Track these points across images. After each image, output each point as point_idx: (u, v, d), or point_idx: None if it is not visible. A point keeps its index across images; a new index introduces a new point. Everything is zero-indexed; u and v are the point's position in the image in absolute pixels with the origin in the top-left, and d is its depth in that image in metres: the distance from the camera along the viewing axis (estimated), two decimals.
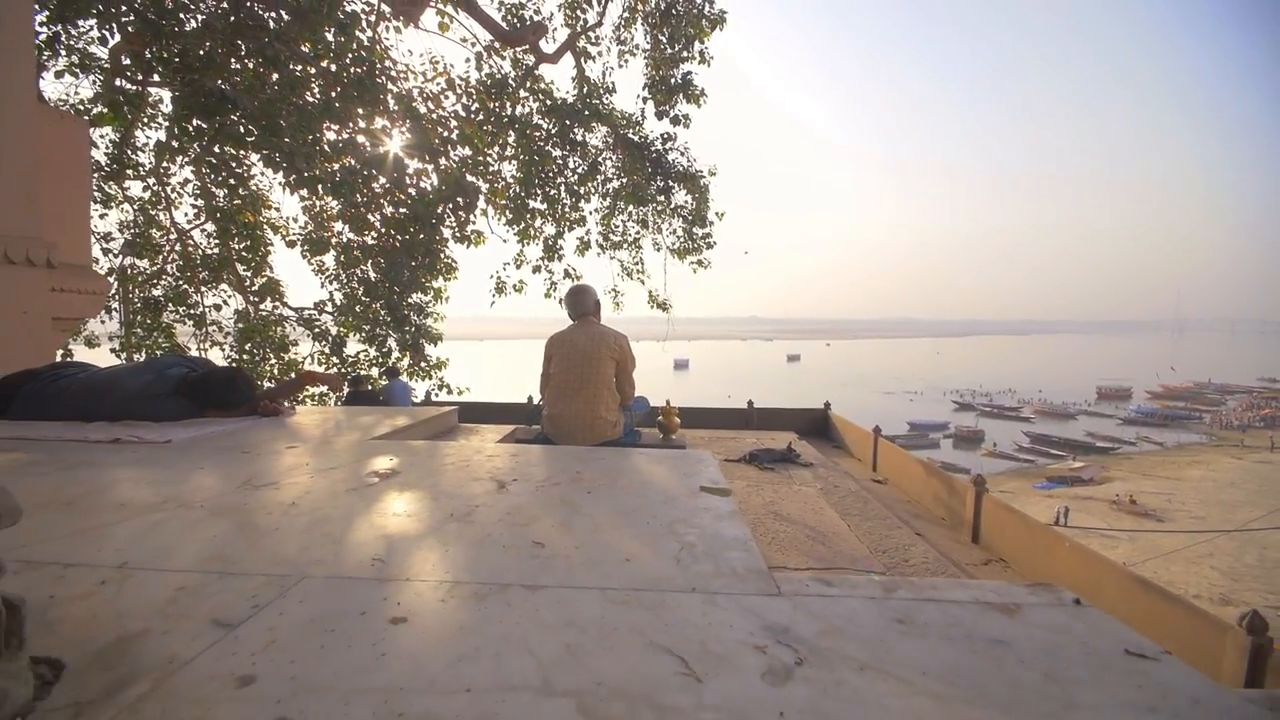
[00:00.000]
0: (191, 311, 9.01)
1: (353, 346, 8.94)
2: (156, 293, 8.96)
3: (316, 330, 8.92)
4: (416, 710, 0.71)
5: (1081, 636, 0.93)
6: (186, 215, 9.01)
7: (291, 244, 9.00)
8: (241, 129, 6.38)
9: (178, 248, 9.07)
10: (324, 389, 7.35)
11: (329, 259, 8.65)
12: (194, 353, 8.50)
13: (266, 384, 8.13)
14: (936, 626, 0.94)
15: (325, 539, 1.27)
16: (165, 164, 8.35)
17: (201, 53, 6.41)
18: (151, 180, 8.52)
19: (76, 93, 7.57)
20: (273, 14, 6.73)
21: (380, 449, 2.22)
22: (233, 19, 6.45)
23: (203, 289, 9.10)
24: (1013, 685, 0.80)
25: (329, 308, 8.75)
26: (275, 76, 6.56)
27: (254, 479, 1.71)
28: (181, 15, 6.61)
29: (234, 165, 7.93)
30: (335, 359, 8.76)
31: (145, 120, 7.92)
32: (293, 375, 8.56)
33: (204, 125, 6.48)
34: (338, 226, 8.54)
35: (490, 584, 1.07)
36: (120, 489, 1.62)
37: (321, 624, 0.91)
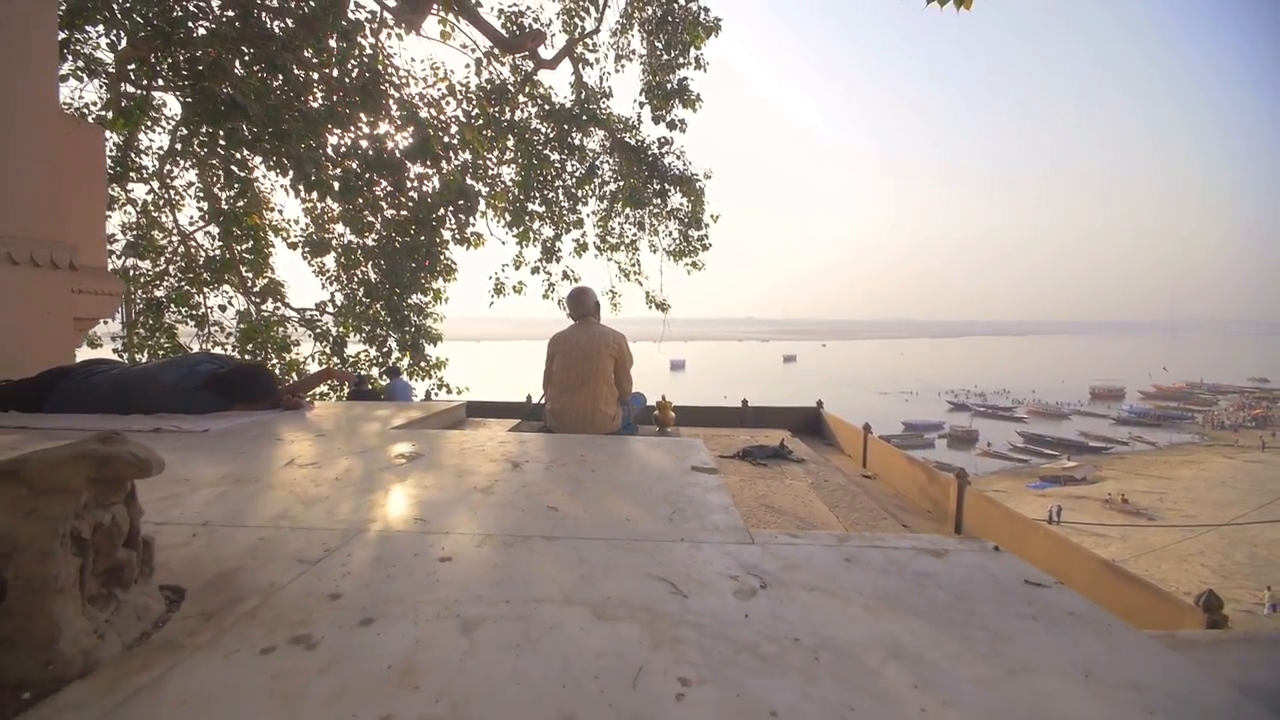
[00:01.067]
0: (194, 312, 9.17)
1: (353, 347, 9.12)
2: (159, 294, 9.13)
3: (318, 330, 9.10)
4: (469, 613, 0.94)
5: (992, 571, 1.16)
6: (190, 217, 9.19)
7: (294, 246, 9.18)
8: (251, 135, 6.57)
9: (180, 249, 9.24)
10: (332, 384, 7.53)
11: (329, 260, 8.84)
12: (187, 353, 8.67)
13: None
14: (876, 564, 1.18)
15: (371, 504, 1.49)
16: (169, 167, 8.53)
17: (210, 60, 6.60)
18: (155, 183, 8.69)
19: (80, 96, 7.74)
20: (279, 23, 6.94)
21: (400, 436, 2.45)
22: (239, 26, 6.64)
23: (205, 290, 9.27)
24: (928, 601, 1.03)
25: (330, 308, 8.94)
26: (280, 82, 6.75)
27: (296, 460, 1.94)
28: (190, 24, 6.79)
29: (238, 170, 8.12)
30: (336, 359, 8.94)
31: (149, 124, 8.10)
32: (300, 374, 8.74)
33: (214, 131, 6.67)
34: (338, 229, 8.73)
35: (515, 536, 1.30)
36: (178, 468, 1.83)
37: (384, 562, 1.13)
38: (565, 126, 9.42)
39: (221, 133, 6.63)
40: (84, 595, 0.86)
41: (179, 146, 8.10)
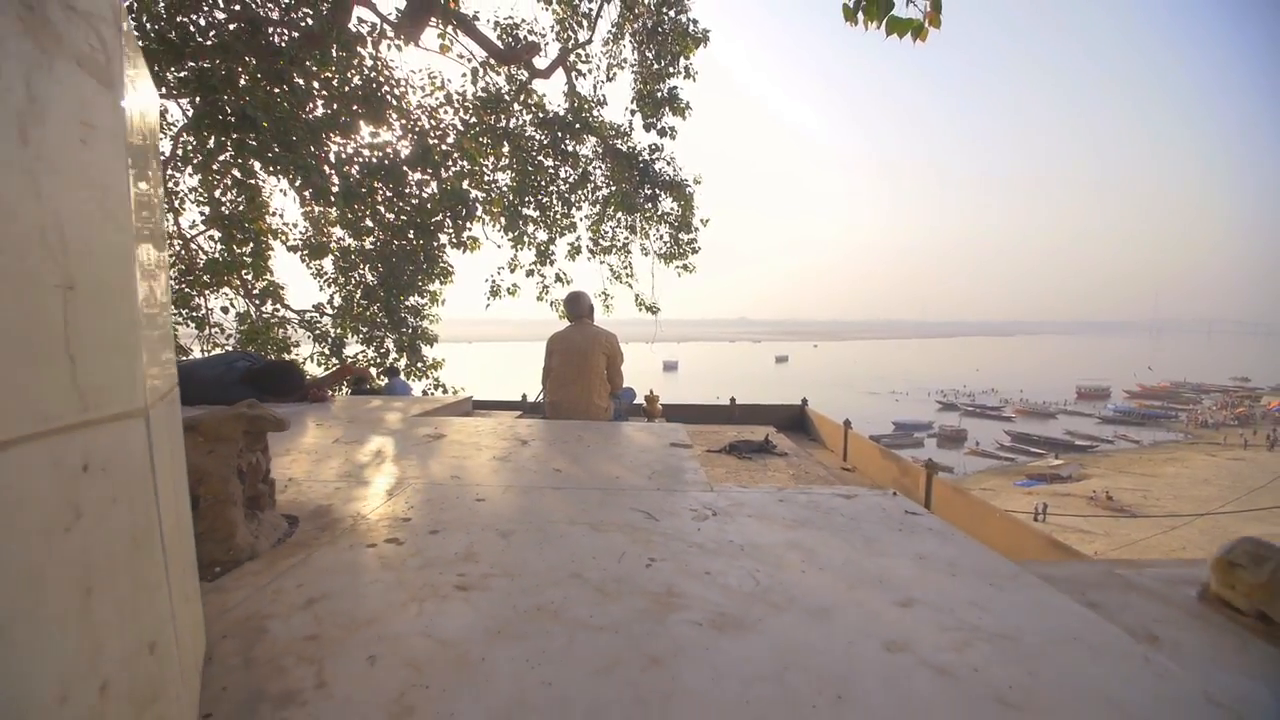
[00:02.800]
0: (194, 314, 9.46)
1: (352, 348, 9.45)
2: None
3: (317, 331, 9.42)
4: (505, 529, 1.34)
5: (885, 507, 1.58)
6: (192, 221, 9.49)
7: (293, 249, 9.50)
8: (258, 144, 6.90)
9: (181, 253, 9.53)
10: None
11: (328, 263, 9.15)
12: (196, 353, 8.99)
13: None
14: (801, 503, 1.59)
15: (414, 466, 1.90)
16: (171, 172, 8.83)
17: (222, 73, 6.93)
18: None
19: None
20: (284, 37, 7.28)
21: (421, 422, 2.84)
22: (246, 40, 6.97)
23: (206, 292, 9.57)
24: (830, 523, 1.44)
25: (329, 310, 9.25)
26: (284, 92, 7.07)
27: (342, 438, 2.33)
28: (201, 38, 7.11)
29: (243, 177, 8.44)
30: (335, 360, 9.27)
31: None
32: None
33: (224, 141, 7.00)
34: (337, 232, 9.05)
35: (530, 487, 1.70)
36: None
37: (434, 501, 1.54)
38: (559, 134, 9.79)
39: (229, 143, 6.96)
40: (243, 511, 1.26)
41: (181, 152, 8.42)
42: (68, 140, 0.50)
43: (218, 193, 9.10)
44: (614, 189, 10.45)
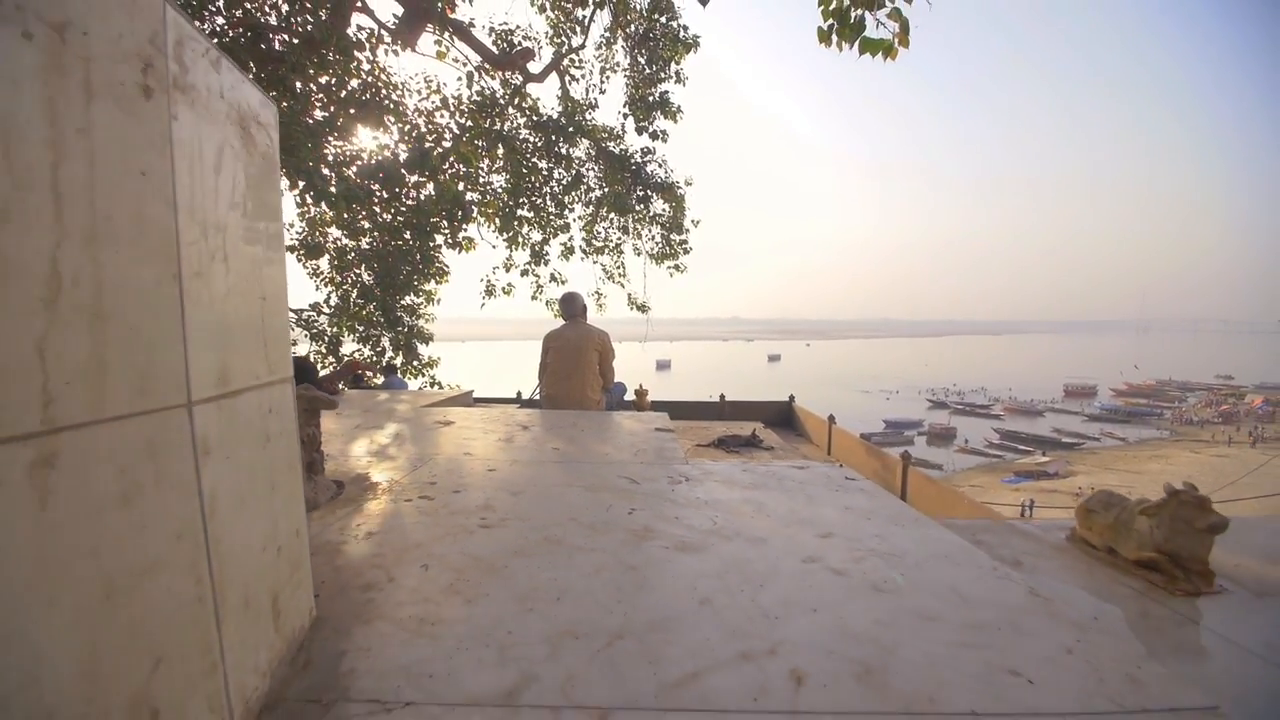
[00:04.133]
0: None
1: (348, 346, 9.68)
2: None
3: (314, 330, 9.62)
4: (516, 489, 1.66)
5: (829, 475, 1.90)
6: None
7: (290, 249, 9.71)
8: None
9: None
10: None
11: (324, 263, 9.35)
12: None
13: None
14: (761, 474, 1.91)
15: (431, 446, 2.20)
16: None
17: None
18: None
19: None
20: (282, 39, 7.50)
21: (430, 412, 3.14)
22: (245, 44, 7.19)
23: None
24: (781, 486, 1.76)
25: (325, 309, 9.45)
26: (285, 97, 7.30)
27: (360, 426, 2.63)
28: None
29: None
30: (332, 358, 9.48)
31: None
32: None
33: None
34: (333, 233, 9.26)
35: (533, 461, 2.01)
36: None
37: (454, 472, 1.84)
38: (553, 136, 10.06)
39: None
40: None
41: None
42: (219, 145, 0.81)
43: None
44: (607, 191, 10.72)
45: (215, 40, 7.15)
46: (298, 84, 7.44)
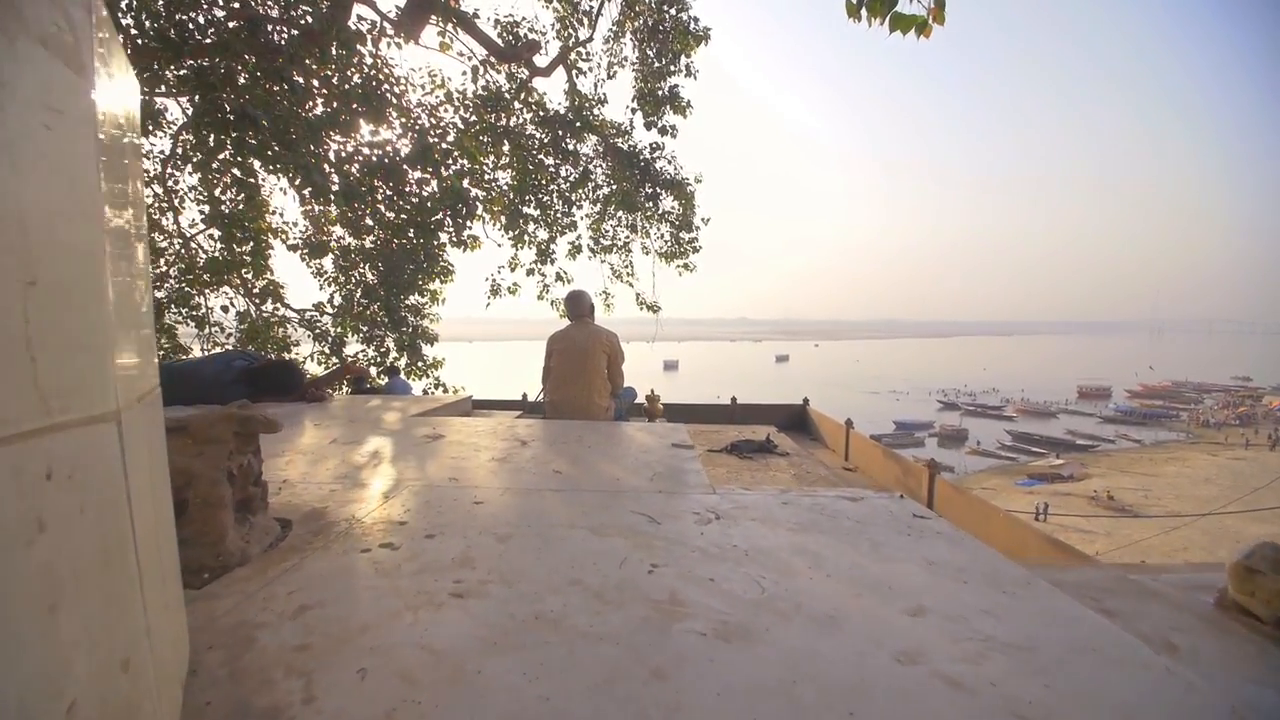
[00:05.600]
0: (194, 313, 9.43)
1: (352, 347, 9.43)
2: (160, 295, 9.36)
3: (317, 331, 9.38)
4: (503, 532, 1.31)
5: (892, 510, 1.54)
6: (191, 220, 9.46)
7: (293, 248, 9.47)
8: (258, 143, 6.86)
9: (182, 252, 9.51)
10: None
11: (328, 262, 9.12)
12: (197, 353, 8.96)
13: None
14: (805, 506, 1.56)
15: (412, 468, 1.86)
16: (171, 171, 8.80)
17: (222, 71, 6.89)
18: (157, 186, 8.96)
19: None
20: (282, 33, 7.24)
21: (420, 422, 2.81)
22: (245, 38, 6.93)
23: (205, 291, 9.54)
24: (836, 526, 1.41)
25: (329, 309, 9.22)
26: (284, 91, 7.03)
27: (339, 439, 2.30)
28: (199, 36, 7.07)
29: (243, 175, 8.41)
30: (335, 359, 9.24)
31: (151, 129, 8.35)
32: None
33: (223, 139, 6.96)
34: (337, 231, 9.02)
35: (529, 489, 1.67)
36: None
37: (433, 504, 1.51)
38: (559, 132, 9.76)
39: (229, 142, 6.92)
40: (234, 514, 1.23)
41: (181, 151, 8.39)
42: (30, 126, 0.47)
43: (217, 191, 9.08)
44: (615, 188, 10.41)
45: (213, 32, 6.92)
46: (297, 77, 7.18)
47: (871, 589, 1.07)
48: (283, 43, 7.21)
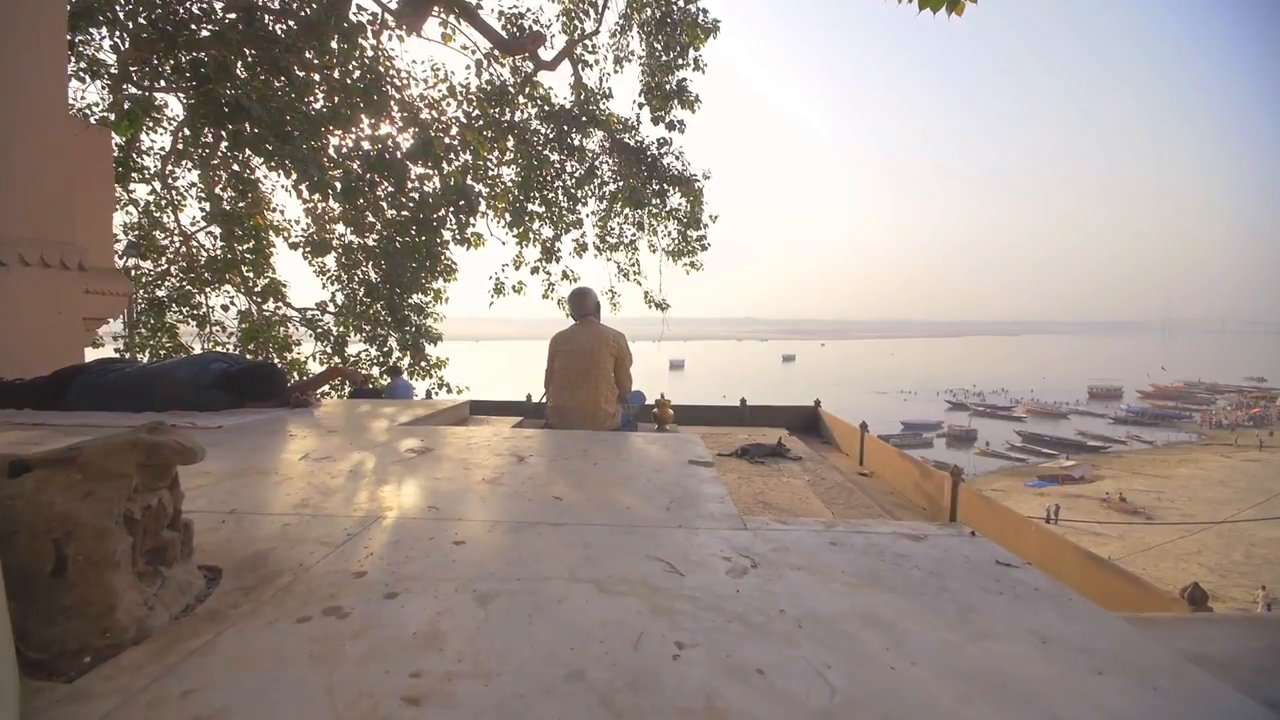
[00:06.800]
0: (195, 312, 9.24)
1: (354, 346, 9.20)
2: (160, 294, 9.18)
3: (319, 330, 9.17)
4: (485, 589, 1.03)
5: (966, 554, 1.25)
6: (192, 218, 9.26)
7: (295, 246, 9.27)
8: (254, 136, 6.64)
9: (182, 249, 9.31)
10: (338, 382, 7.63)
11: (330, 260, 8.91)
12: (197, 351, 8.74)
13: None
14: (859, 548, 1.27)
15: (386, 494, 1.58)
16: (171, 167, 8.60)
17: (216, 63, 6.66)
18: (157, 183, 8.76)
19: (82, 97, 7.80)
20: (282, 25, 7.01)
21: (408, 433, 2.53)
22: (242, 28, 6.71)
23: (206, 290, 9.34)
24: (905, 579, 1.12)
25: (331, 308, 9.01)
26: (282, 83, 6.82)
27: (311, 454, 2.02)
28: (194, 26, 6.85)
29: (240, 170, 8.20)
30: (337, 359, 9.02)
31: (151, 125, 8.16)
32: (302, 373, 8.83)
33: (219, 132, 6.74)
34: (339, 229, 8.81)
35: (523, 523, 1.39)
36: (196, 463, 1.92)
37: (403, 545, 1.22)
38: (565, 127, 9.51)
39: (225, 134, 6.70)
40: (135, 571, 0.95)
41: (180, 147, 8.18)
42: None
43: (217, 188, 8.86)
44: (621, 184, 10.15)
45: (209, 24, 6.67)
46: (296, 70, 6.94)
47: (981, 687, 0.78)
48: (281, 34, 6.99)
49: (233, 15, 6.83)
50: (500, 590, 1.02)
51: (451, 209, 8.31)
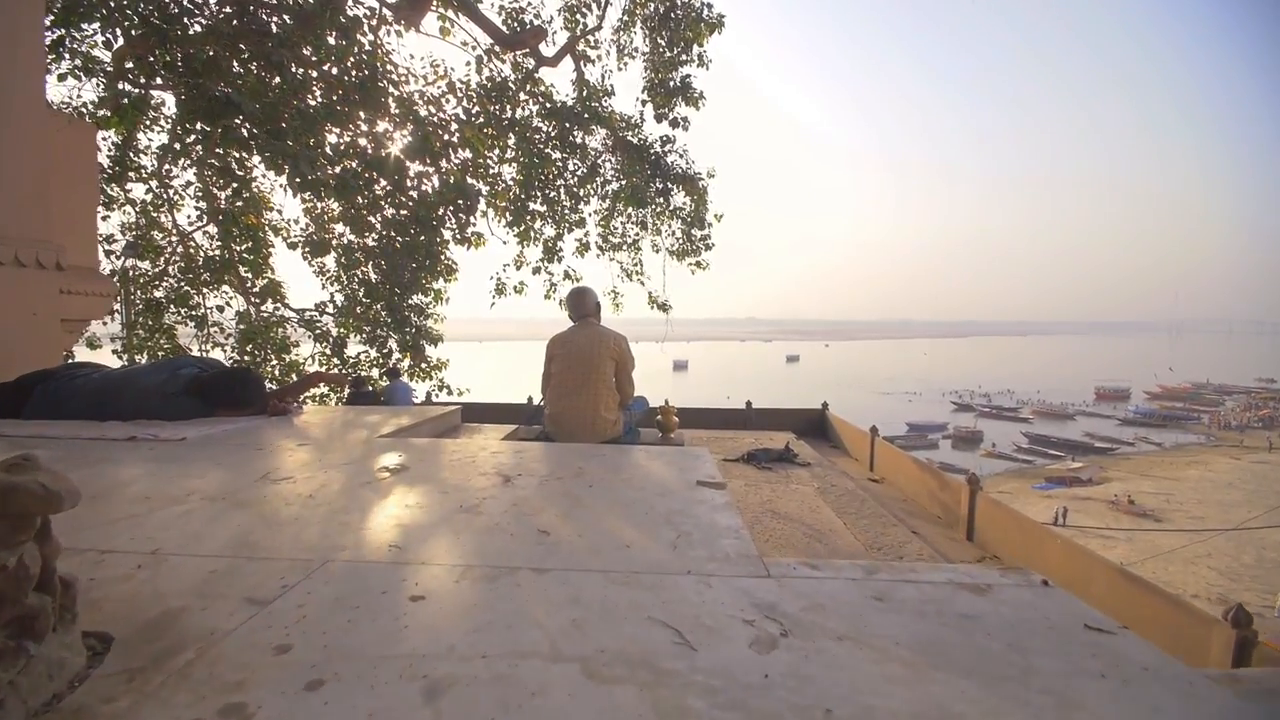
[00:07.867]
0: (193, 313, 9.06)
1: (354, 348, 9.01)
2: (158, 294, 9.02)
3: (318, 331, 8.98)
4: (438, 674, 0.79)
5: (1046, 613, 1.01)
6: (189, 217, 9.08)
7: (293, 246, 9.08)
8: (246, 133, 6.45)
9: (179, 249, 9.14)
10: (325, 388, 7.43)
11: (329, 260, 8.73)
12: (196, 354, 8.56)
13: (269, 385, 8.18)
14: (911, 603, 1.03)
15: (344, 528, 1.35)
16: (167, 166, 8.42)
17: (206, 57, 6.47)
18: (154, 182, 8.59)
19: (79, 95, 7.64)
20: (276, 19, 6.82)
21: (387, 446, 2.30)
22: (235, 23, 6.53)
23: (204, 290, 9.16)
24: (978, 653, 0.88)
25: (330, 309, 8.82)
26: (277, 80, 6.64)
27: (271, 474, 1.79)
28: (186, 20, 6.67)
29: (236, 169, 8.01)
30: (336, 360, 8.82)
31: (147, 123, 7.99)
32: (299, 376, 8.64)
33: (208, 129, 6.55)
34: (338, 229, 8.61)
35: (500, 567, 1.15)
36: (142, 483, 1.69)
37: (347, 601, 0.99)
38: (567, 125, 9.30)
39: (217, 132, 6.50)
40: None
41: (177, 146, 7.99)
42: None
43: (212, 187, 8.67)
44: (624, 183, 9.94)
45: (201, 18, 6.47)
46: (294, 69, 6.74)
47: None
48: (276, 28, 6.79)
49: (226, 9, 6.65)
50: (458, 676, 0.79)
51: (451, 208, 8.11)
